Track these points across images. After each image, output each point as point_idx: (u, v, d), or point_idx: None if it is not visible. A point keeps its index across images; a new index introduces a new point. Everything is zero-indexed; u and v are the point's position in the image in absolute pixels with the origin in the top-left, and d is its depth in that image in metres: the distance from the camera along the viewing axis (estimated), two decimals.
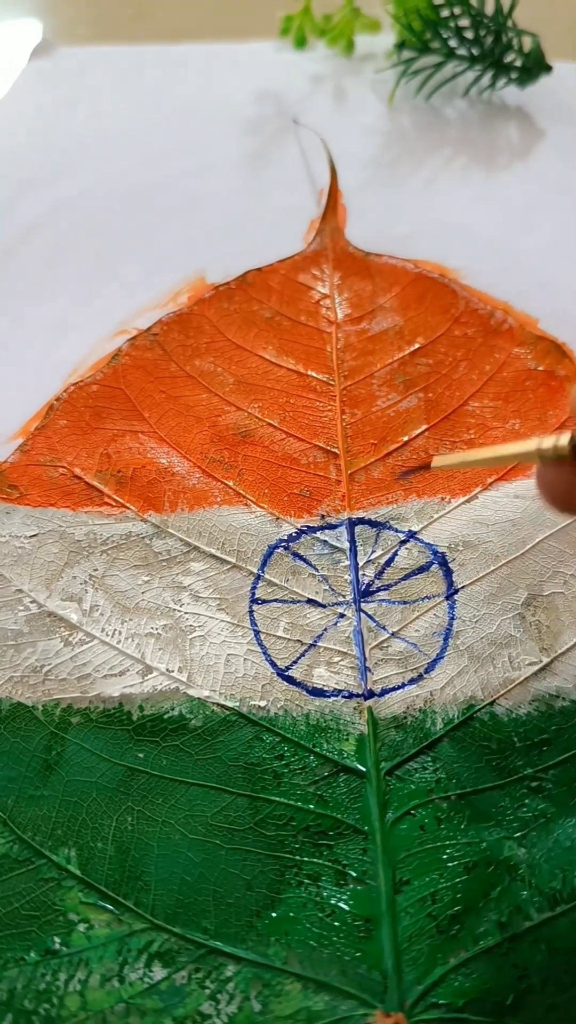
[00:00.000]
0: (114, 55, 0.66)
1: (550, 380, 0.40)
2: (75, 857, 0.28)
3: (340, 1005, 0.25)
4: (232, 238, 0.50)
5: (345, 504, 0.36)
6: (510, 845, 0.28)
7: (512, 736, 0.30)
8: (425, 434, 0.39)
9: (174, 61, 0.65)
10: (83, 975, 0.26)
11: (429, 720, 0.31)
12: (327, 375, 0.41)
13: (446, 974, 0.26)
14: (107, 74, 0.64)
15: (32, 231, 0.51)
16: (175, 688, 0.32)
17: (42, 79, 0.64)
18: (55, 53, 0.66)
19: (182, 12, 0.72)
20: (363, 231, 0.49)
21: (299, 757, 0.30)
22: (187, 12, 0.72)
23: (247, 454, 0.38)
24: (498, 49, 0.56)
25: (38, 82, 0.64)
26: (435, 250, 0.48)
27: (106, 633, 0.33)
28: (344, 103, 0.60)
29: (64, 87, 0.63)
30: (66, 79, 0.64)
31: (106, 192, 0.53)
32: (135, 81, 0.63)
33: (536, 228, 0.50)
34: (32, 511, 0.36)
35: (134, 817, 0.29)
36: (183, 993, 0.26)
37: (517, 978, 0.26)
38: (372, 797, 0.29)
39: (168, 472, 0.37)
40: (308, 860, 0.28)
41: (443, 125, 0.58)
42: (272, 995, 0.26)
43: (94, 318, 0.45)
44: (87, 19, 0.72)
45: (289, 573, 0.34)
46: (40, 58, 0.66)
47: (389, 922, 0.27)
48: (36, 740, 0.30)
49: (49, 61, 0.66)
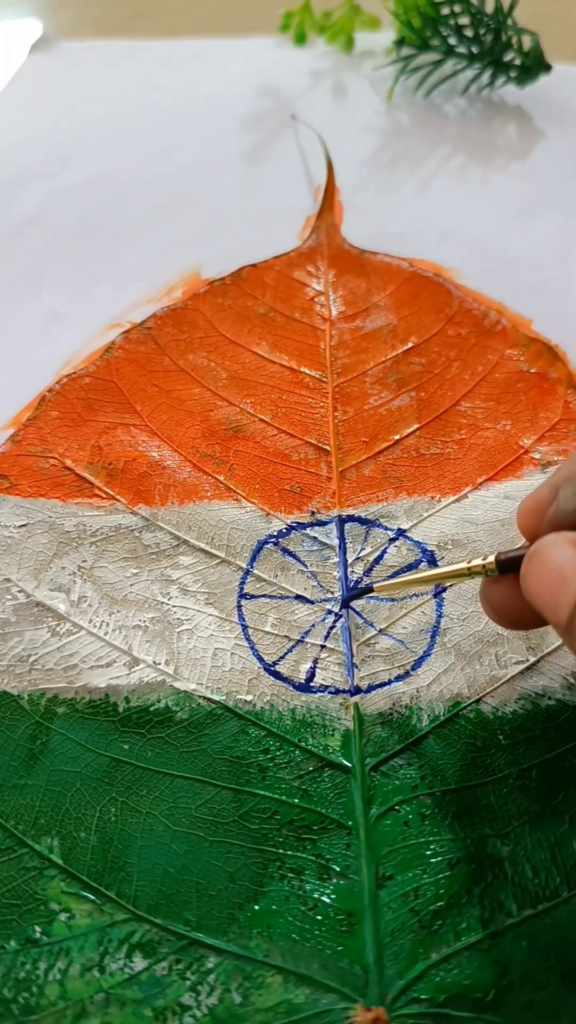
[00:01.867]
0: (113, 50, 0.66)
1: (542, 382, 0.40)
2: (58, 847, 0.28)
3: (321, 998, 0.25)
4: (228, 234, 0.50)
5: (335, 501, 0.36)
6: (494, 842, 0.28)
7: (497, 734, 0.30)
8: (416, 433, 0.39)
9: (172, 56, 0.65)
10: (63, 964, 0.26)
11: (415, 717, 0.31)
12: (320, 372, 0.41)
13: (427, 969, 0.26)
14: (105, 69, 0.64)
15: (28, 224, 0.51)
16: (162, 681, 0.32)
17: (40, 74, 0.64)
18: (54, 48, 0.66)
19: (182, 11, 0.72)
20: (359, 229, 0.49)
21: (284, 751, 0.30)
22: (187, 11, 0.72)
23: (238, 449, 0.38)
24: (497, 48, 0.56)
25: (35, 77, 0.63)
26: (431, 249, 0.48)
27: (94, 624, 0.33)
28: (343, 100, 0.60)
29: (62, 82, 0.63)
30: (64, 74, 0.64)
31: (103, 186, 0.53)
32: (133, 76, 0.63)
33: (533, 229, 0.50)
34: (22, 501, 0.36)
35: (118, 808, 0.29)
36: (163, 984, 0.26)
37: (498, 974, 0.26)
38: (357, 792, 0.29)
39: (159, 465, 0.37)
40: (291, 854, 0.28)
41: (441, 124, 0.58)
42: (253, 987, 0.26)
43: (88, 311, 0.45)
44: (87, 19, 0.72)
45: (278, 569, 0.34)
46: (38, 53, 0.65)
47: (371, 917, 0.27)
48: (21, 729, 0.30)
49: (47, 56, 0.65)
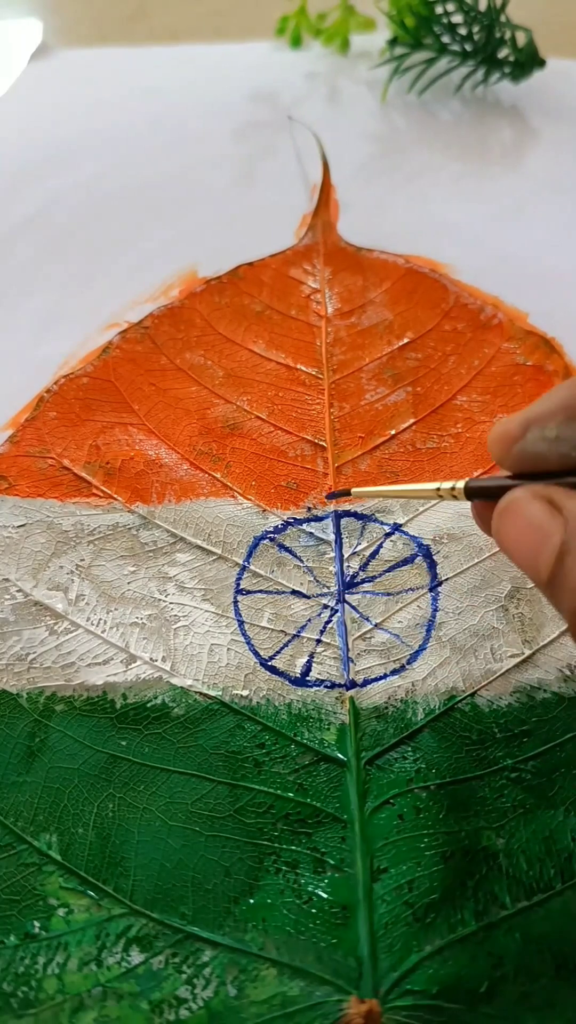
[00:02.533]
0: (111, 56, 0.67)
1: (538, 375, 0.40)
2: (56, 843, 0.28)
3: (315, 991, 0.26)
4: (225, 233, 0.50)
5: None
6: (488, 835, 0.28)
7: (493, 727, 0.30)
8: (413, 428, 0.39)
9: (170, 61, 0.65)
10: (62, 959, 0.26)
11: (410, 710, 0.31)
12: (316, 369, 0.41)
13: (421, 961, 0.26)
14: (104, 73, 0.65)
15: (26, 225, 0.51)
16: (158, 677, 0.32)
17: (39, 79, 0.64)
18: (53, 55, 0.67)
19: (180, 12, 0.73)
20: (355, 226, 0.49)
21: (280, 746, 0.30)
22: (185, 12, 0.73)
23: (235, 446, 0.38)
24: (491, 44, 0.56)
25: (35, 81, 0.64)
26: (427, 245, 0.48)
27: (91, 622, 0.33)
28: (338, 101, 0.61)
29: (60, 87, 0.63)
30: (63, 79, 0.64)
31: (100, 187, 0.54)
32: (131, 80, 0.64)
33: (527, 224, 0.50)
34: (20, 501, 0.36)
35: (115, 804, 0.29)
36: (160, 977, 0.26)
37: (491, 966, 0.26)
38: (352, 786, 0.29)
39: (156, 464, 0.38)
40: (287, 848, 0.28)
41: (436, 122, 0.58)
42: (248, 980, 0.26)
43: (85, 311, 0.45)
44: (87, 19, 0.72)
45: (274, 564, 0.35)
46: (38, 59, 0.66)
47: (366, 910, 0.27)
48: (20, 727, 0.31)
49: (47, 62, 0.66)
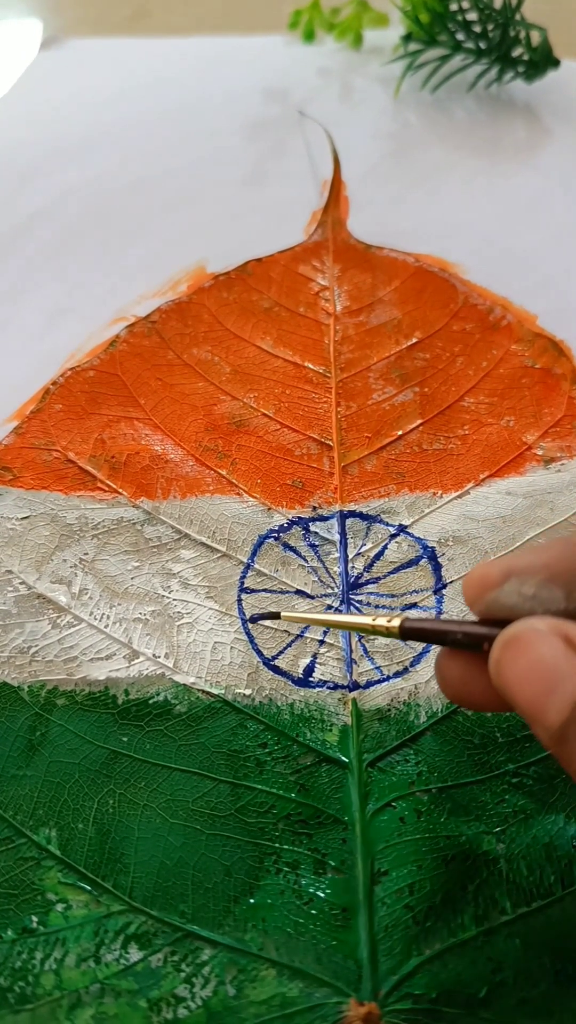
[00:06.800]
0: (122, 47, 0.66)
1: (546, 378, 0.40)
2: (55, 837, 0.28)
3: (314, 992, 0.26)
4: (234, 228, 0.50)
5: (337, 496, 0.36)
6: (489, 840, 0.28)
7: (495, 731, 0.30)
8: (419, 428, 0.39)
9: (182, 53, 0.65)
10: (59, 954, 0.26)
11: (413, 713, 0.31)
12: (324, 367, 0.41)
13: (420, 965, 0.26)
14: (115, 66, 0.64)
15: (35, 219, 0.51)
16: (161, 674, 0.32)
17: (48, 71, 0.64)
18: (62, 45, 0.66)
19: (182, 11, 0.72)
20: (365, 223, 0.49)
21: (282, 746, 0.30)
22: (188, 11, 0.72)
23: (241, 443, 0.38)
24: (505, 43, 0.56)
25: (44, 74, 0.64)
26: (437, 244, 0.48)
27: (94, 617, 0.33)
28: (351, 96, 0.60)
29: (70, 79, 0.63)
30: (72, 71, 0.64)
31: (111, 181, 0.53)
32: (142, 73, 0.63)
33: (539, 225, 0.50)
34: (24, 493, 0.36)
35: (116, 800, 0.29)
36: (158, 975, 0.26)
37: (491, 971, 0.26)
38: (353, 788, 0.29)
39: (162, 459, 0.37)
40: (287, 848, 0.28)
41: (449, 120, 0.57)
42: (247, 980, 0.26)
43: (93, 304, 0.45)
44: (88, 19, 0.72)
45: (279, 563, 0.35)
46: (47, 50, 0.66)
47: (366, 912, 0.27)
48: (21, 720, 0.31)
49: (56, 53, 0.66)
